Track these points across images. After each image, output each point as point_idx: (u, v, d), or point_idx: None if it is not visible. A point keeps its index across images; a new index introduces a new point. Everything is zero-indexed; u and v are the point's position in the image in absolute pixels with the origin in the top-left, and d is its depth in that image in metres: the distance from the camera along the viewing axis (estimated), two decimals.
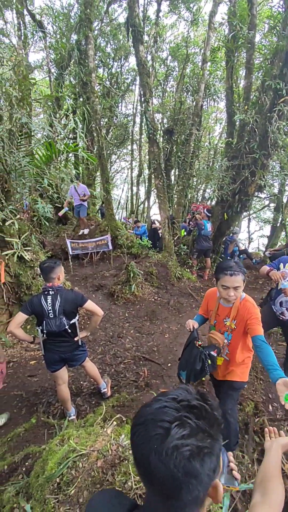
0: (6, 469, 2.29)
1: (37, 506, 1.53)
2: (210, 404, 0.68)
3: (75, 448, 1.74)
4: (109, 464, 1.65)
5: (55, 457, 1.73)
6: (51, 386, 3.74)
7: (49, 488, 1.56)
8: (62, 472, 1.59)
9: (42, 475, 1.73)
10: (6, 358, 4.26)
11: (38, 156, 4.42)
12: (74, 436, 1.92)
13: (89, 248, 7.18)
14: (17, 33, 11.08)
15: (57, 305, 2.56)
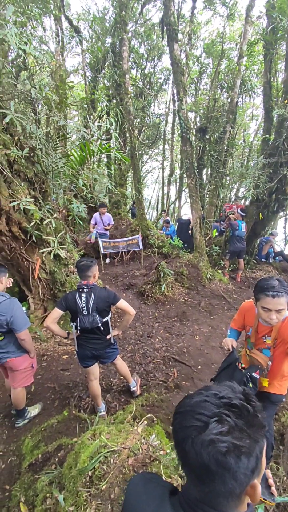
0: (40, 458, 2.39)
1: (69, 497, 1.57)
2: (253, 405, 0.68)
3: (106, 443, 1.76)
4: (140, 463, 1.65)
5: (87, 450, 1.76)
6: (82, 381, 3.84)
7: (82, 481, 1.59)
8: (94, 466, 1.62)
9: (74, 467, 1.78)
10: (40, 351, 4.45)
11: (74, 157, 4.56)
12: (105, 432, 1.95)
13: (120, 247, 7.27)
14: (55, 39, 11.51)
15: (91, 303, 2.62)
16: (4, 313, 2.55)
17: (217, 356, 4.28)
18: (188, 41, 12.20)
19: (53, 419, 3.04)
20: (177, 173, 16.37)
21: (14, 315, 2.60)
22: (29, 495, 2.11)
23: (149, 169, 22.01)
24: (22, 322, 2.67)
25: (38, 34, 11.46)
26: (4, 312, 2.55)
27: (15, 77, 4.23)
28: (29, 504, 2.09)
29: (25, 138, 3.91)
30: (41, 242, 4.33)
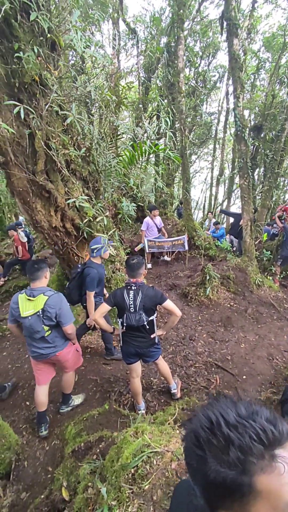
0: (82, 446, 2.47)
1: (112, 491, 1.59)
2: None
3: (149, 443, 1.75)
4: (183, 469, 1.62)
5: (130, 447, 1.77)
6: (123, 377, 3.90)
7: (124, 477, 1.61)
8: (137, 464, 1.62)
9: (116, 461, 1.80)
10: (84, 343, 4.62)
11: (126, 157, 4.64)
12: (148, 431, 1.94)
13: (165, 247, 7.26)
14: (112, 42, 11.86)
15: (138, 301, 2.64)
16: (54, 306, 2.67)
17: (263, 367, 4.04)
18: (247, 35, 11.70)
19: (95, 411, 3.13)
20: (227, 173, 15.84)
21: (62, 308, 2.71)
22: (71, 481, 2.20)
23: (197, 169, 21.65)
24: (69, 316, 2.79)
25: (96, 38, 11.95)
26: (54, 305, 2.67)
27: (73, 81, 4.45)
28: (71, 490, 2.18)
29: (82, 138, 4.09)
30: (91, 238, 4.49)
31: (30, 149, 3.44)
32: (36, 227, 4.25)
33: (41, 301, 2.63)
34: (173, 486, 1.51)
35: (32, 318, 2.63)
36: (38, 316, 2.64)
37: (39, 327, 2.66)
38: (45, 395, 3.04)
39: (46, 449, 3.00)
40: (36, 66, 2.93)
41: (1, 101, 3.08)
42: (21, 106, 2.82)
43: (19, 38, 2.97)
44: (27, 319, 2.64)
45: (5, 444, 2.83)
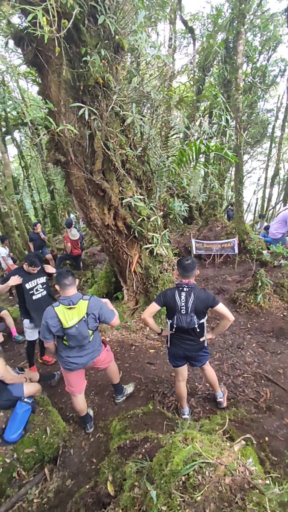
0: (128, 443, 2.48)
1: (161, 495, 1.56)
2: None
3: (201, 453, 1.69)
4: (237, 485, 1.52)
5: (180, 453, 1.72)
6: (167, 378, 3.86)
7: (174, 484, 1.57)
8: (188, 472, 1.57)
9: (165, 466, 1.77)
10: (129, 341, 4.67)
11: (180, 156, 4.59)
12: (198, 440, 1.88)
13: (213, 249, 7.05)
14: (168, 42, 11.86)
15: (190, 303, 2.57)
16: (96, 308, 2.68)
17: None
18: None
19: (139, 410, 3.14)
20: (282, 174, 14.88)
21: (102, 307, 2.74)
22: (117, 477, 2.22)
23: (248, 169, 20.70)
24: (110, 311, 2.80)
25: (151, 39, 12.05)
26: (96, 307, 2.68)
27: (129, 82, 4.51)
28: (116, 486, 2.20)
29: (138, 138, 4.14)
30: (141, 237, 4.53)
31: (89, 149, 3.57)
32: (89, 225, 4.41)
33: (83, 306, 2.62)
34: (227, 502, 1.43)
35: (79, 325, 2.60)
36: (84, 321, 2.62)
37: (86, 332, 2.66)
38: (83, 402, 3.03)
39: (91, 440, 3.08)
40: (101, 69, 3.02)
41: (66, 103, 3.24)
42: (86, 108, 2.93)
43: (86, 43, 3.10)
44: (73, 328, 2.58)
45: (54, 429, 2.97)
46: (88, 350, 2.79)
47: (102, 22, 2.87)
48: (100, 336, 3.10)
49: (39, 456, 2.82)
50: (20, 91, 13.15)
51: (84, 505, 2.24)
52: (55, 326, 2.60)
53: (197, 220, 10.35)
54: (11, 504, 2.53)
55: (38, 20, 2.32)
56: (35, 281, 3.76)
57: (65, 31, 2.64)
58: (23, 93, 13.63)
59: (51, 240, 11.57)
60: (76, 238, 7.44)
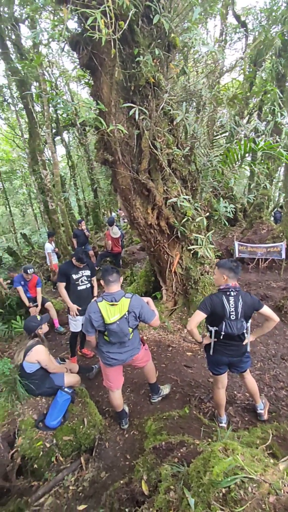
0: (163, 445, 2.47)
1: (200, 504, 1.52)
2: None
3: (243, 467, 1.61)
4: (282, 506, 1.43)
5: (220, 464, 1.66)
6: (204, 383, 3.77)
7: (214, 494, 1.52)
8: (229, 485, 1.51)
9: (204, 474, 1.72)
10: (166, 342, 4.64)
11: (228, 155, 4.43)
12: (240, 452, 1.79)
13: (257, 253, 6.73)
14: (219, 38, 11.55)
15: (240, 307, 2.47)
16: (137, 306, 2.68)
17: None
18: None
19: (175, 412, 3.10)
20: None
21: (143, 306, 2.72)
22: (152, 477, 2.21)
23: None
24: (151, 312, 2.78)
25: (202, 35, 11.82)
26: (137, 306, 2.68)
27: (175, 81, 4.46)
28: (150, 486, 2.20)
29: (185, 138, 4.08)
30: (183, 238, 4.47)
31: (137, 149, 3.61)
32: (132, 223, 4.47)
33: (125, 304, 2.63)
34: None
35: (120, 322, 2.62)
36: (125, 319, 2.64)
37: (127, 330, 2.68)
38: (119, 398, 3.08)
39: (125, 436, 3.12)
40: (153, 68, 3.03)
41: (117, 104, 3.31)
42: (136, 108, 2.96)
43: (139, 43, 3.13)
44: (114, 324, 2.60)
45: (91, 421, 3.06)
46: (128, 347, 2.82)
47: (157, 21, 2.88)
48: (139, 335, 3.12)
49: (76, 445, 2.93)
50: (71, 93, 13.75)
51: (118, 500, 2.27)
52: (97, 320, 2.66)
53: (241, 222, 9.95)
54: (49, 488, 2.66)
55: (97, 23, 2.39)
56: (81, 272, 3.95)
57: (121, 32, 2.69)
58: (73, 96, 14.23)
59: (92, 237, 11.95)
60: (117, 236, 7.59)
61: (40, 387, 3.18)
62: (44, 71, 9.36)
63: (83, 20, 2.64)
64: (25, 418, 2.99)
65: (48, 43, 9.14)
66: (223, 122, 3.75)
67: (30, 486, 2.72)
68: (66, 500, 2.55)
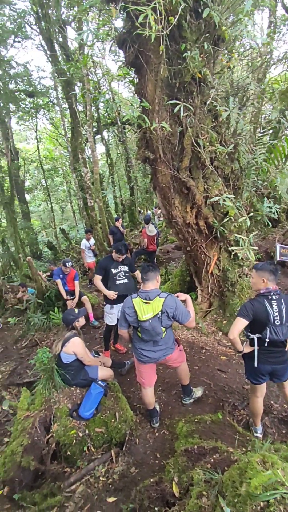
0: (196, 449, 2.42)
1: None
2: None
3: (283, 482, 1.52)
4: None
5: (258, 477, 1.59)
6: (238, 390, 3.64)
7: (251, 507, 1.45)
8: (268, 500, 1.43)
9: (240, 485, 1.65)
10: (199, 344, 4.55)
11: (274, 152, 4.21)
12: (280, 467, 1.70)
13: None
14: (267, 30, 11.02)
15: (284, 311, 2.34)
16: (171, 307, 2.64)
17: None
18: None
19: (207, 416, 3.03)
20: None
21: (178, 308, 2.67)
22: (183, 479, 2.18)
23: None
24: (185, 313, 2.73)
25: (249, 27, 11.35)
26: (171, 306, 2.64)
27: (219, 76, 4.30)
28: (181, 488, 2.17)
29: (229, 135, 3.94)
30: (222, 238, 4.34)
31: (179, 147, 3.56)
32: (170, 222, 4.43)
33: (159, 303, 2.62)
34: None
35: (152, 320, 2.63)
36: (158, 318, 2.63)
37: (159, 329, 2.66)
38: (152, 395, 3.07)
39: (155, 435, 3.11)
40: (200, 63, 2.96)
41: (161, 101, 3.29)
42: (181, 105, 2.92)
43: (186, 39, 3.07)
44: (147, 322, 2.62)
45: (122, 416, 3.09)
46: (161, 346, 2.81)
47: (206, 15, 2.80)
48: (174, 335, 3.08)
49: (107, 437, 2.98)
50: (112, 92, 14.00)
51: (148, 497, 2.27)
52: (131, 316, 2.70)
53: (283, 223, 9.42)
54: (80, 475, 2.74)
55: (148, 20, 2.39)
56: (119, 267, 4.01)
57: (170, 28, 2.66)
58: (115, 95, 14.48)
59: (127, 234, 12.10)
60: (153, 234, 7.59)
61: (75, 378, 3.28)
62: (88, 71, 9.63)
63: (134, 17, 2.64)
64: (61, 406, 3.11)
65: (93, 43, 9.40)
66: (271, 117, 3.55)
67: (63, 471, 2.83)
68: (97, 490, 2.60)
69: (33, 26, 11.98)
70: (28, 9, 10.76)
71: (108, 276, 4.03)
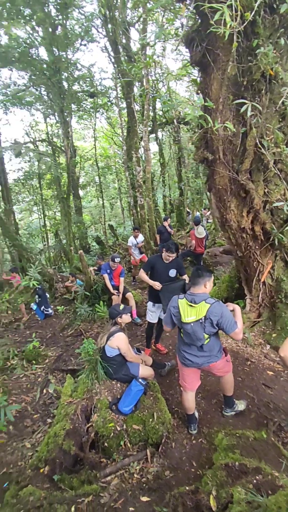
0: (236, 465, 2.31)
1: None
2: None
3: None
4: None
5: None
6: (285, 409, 3.39)
7: None
8: None
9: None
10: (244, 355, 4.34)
11: None
12: None
13: None
14: None
15: None
16: (216, 314, 2.54)
17: None
18: None
19: (249, 432, 2.88)
20: None
21: (223, 316, 2.55)
22: (221, 495, 2.10)
23: None
24: (232, 323, 2.59)
25: None
26: (216, 313, 2.54)
27: None
28: (219, 504, 2.08)
29: None
30: (279, 246, 4.08)
31: (240, 148, 3.41)
32: (223, 225, 4.28)
33: (203, 309, 2.55)
34: None
35: (194, 325, 2.59)
36: (200, 323, 2.58)
37: (201, 334, 2.60)
38: (192, 400, 3.02)
39: (192, 442, 3.04)
40: (273, 60, 2.79)
41: (225, 101, 3.18)
42: (249, 104, 2.78)
43: (259, 35, 2.92)
44: (189, 325, 2.61)
45: (160, 417, 3.08)
46: (205, 352, 2.74)
47: (283, 10, 2.62)
48: (222, 344, 2.97)
49: (143, 436, 2.99)
50: (170, 92, 13.98)
51: (183, 505, 2.23)
52: (176, 316, 2.72)
53: None
54: (116, 468, 2.80)
55: (223, 17, 2.31)
56: (167, 269, 3.96)
57: (244, 24, 2.55)
58: (172, 94, 14.45)
59: (174, 235, 12.03)
60: (202, 236, 7.43)
61: (117, 372, 3.35)
62: (148, 71, 9.73)
63: (209, 15, 2.57)
64: (101, 397, 3.21)
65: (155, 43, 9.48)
66: None
67: (99, 461, 2.91)
68: (131, 486, 2.63)
69: (99, 29, 12.50)
70: (96, 12, 11.22)
71: (154, 274, 4.03)
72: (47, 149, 16.45)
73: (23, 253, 10.51)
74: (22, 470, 2.89)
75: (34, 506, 2.21)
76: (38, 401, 4.03)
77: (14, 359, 4.80)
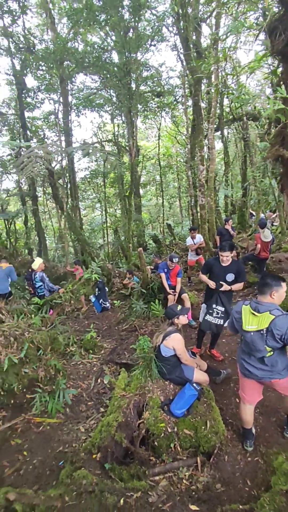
0: None
1: None
2: None
3: None
4: None
5: None
6: None
7: None
8: None
9: None
10: None
11: None
12: None
13: None
14: None
15: None
16: (281, 328, 2.33)
17: None
18: None
19: None
20: None
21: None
22: None
23: None
24: None
25: None
26: (281, 327, 2.33)
27: None
28: None
29: None
30: None
31: None
32: None
33: (266, 320, 2.37)
34: None
35: (254, 334, 2.44)
36: (261, 334, 2.41)
37: (261, 346, 2.42)
38: (250, 414, 2.85)
39: (247, 459, 2.86)
40: None
41: None
42: None
43: None
44: (249, 334, 2.48)
45: (213, 426, 2.95)
46: (266, 366, 2.55)
47: None
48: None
49: (195, 443, 2.90)
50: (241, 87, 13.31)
51: None
52: (238, 322, 2.63)
53: None
54: (164, 469, 2.77)
55: None
56: (226, 273, 3.81)
57: None
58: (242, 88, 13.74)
59: (235, 237, 11.49)
60: (268, 240, 6.92)
61: (171, 373, 3.32)
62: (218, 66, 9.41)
63: None
64: (154, 396, 3.20)
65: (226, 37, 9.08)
66: None
67: (149, 458, 2.91)
68: (179, 491, 2.57)
69: (169, 28, 12.51)
70: (168, 11, 11.24)
71: (211, 277, 3.96)
72: (112, 149, 17.18)
73: (86, 248, 11.15)
74: (76, 451, 3.04)
75: (86, 490, 2.30)
76: (93, 389, 4.22)
77: (73, 346, 5.11)
